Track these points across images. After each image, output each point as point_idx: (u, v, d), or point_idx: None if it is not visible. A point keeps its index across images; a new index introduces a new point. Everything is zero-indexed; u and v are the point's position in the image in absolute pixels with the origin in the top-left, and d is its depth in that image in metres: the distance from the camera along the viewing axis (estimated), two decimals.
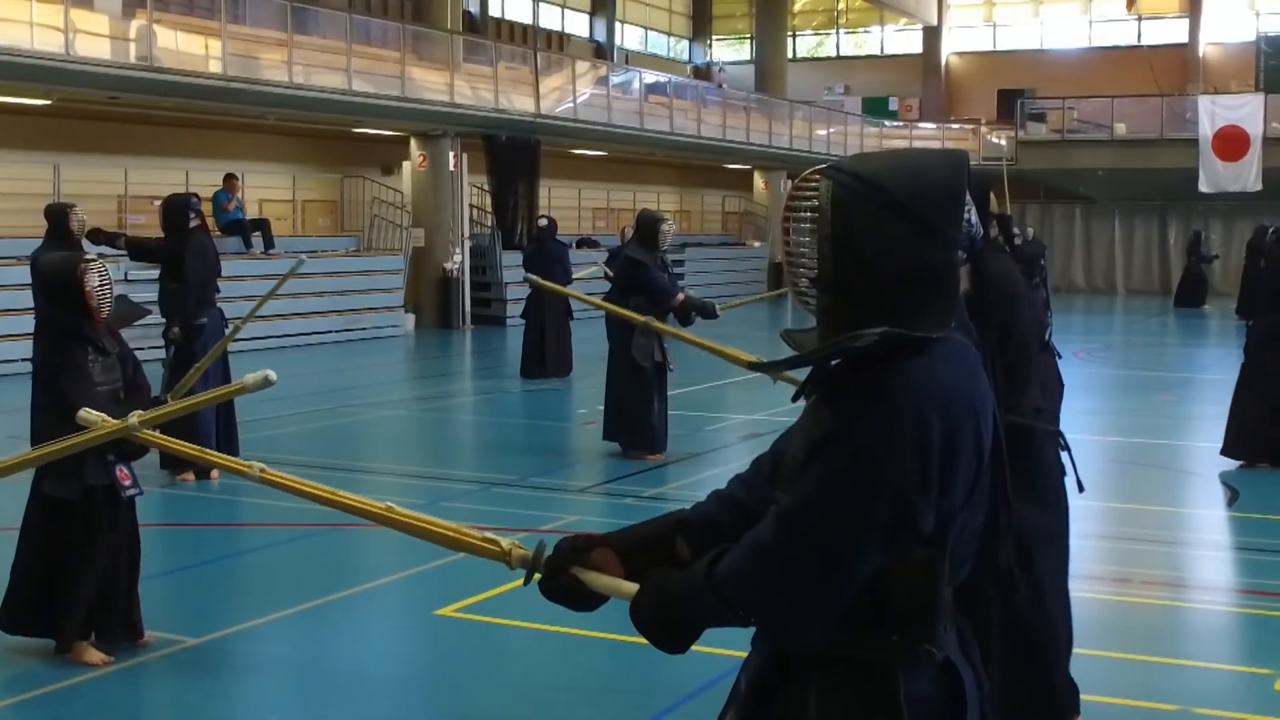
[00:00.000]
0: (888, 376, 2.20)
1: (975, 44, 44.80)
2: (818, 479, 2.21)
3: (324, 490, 3.07)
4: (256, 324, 20.62)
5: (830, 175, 2.28)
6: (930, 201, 2.25)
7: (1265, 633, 6.86)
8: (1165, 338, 26.57)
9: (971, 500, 2.28)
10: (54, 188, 19.16)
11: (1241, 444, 10.51)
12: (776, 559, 2.22)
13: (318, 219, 26.06)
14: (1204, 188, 34.29)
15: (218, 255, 10.69)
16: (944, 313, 2.24)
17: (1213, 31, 41.20)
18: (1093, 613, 7.12)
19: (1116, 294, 37.96)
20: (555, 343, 16.66)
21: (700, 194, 37.88)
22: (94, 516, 5.89)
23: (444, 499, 9.50)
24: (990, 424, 2.29)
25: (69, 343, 5.92)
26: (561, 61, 29.56)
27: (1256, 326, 10.76)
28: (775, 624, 2.31)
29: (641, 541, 2.55)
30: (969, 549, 2.34)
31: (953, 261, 2.27)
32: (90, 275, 5.96)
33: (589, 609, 2.57)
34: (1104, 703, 5.65)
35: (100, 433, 4.03)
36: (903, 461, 2.16)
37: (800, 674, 2.33)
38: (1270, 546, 8.68)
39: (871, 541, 2.18)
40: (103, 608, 5.99)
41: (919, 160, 2.33)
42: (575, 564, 2.52)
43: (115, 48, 18.57)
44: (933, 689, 2.28)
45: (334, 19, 22.72)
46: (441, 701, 5.74)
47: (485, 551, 2.72)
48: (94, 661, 5.89)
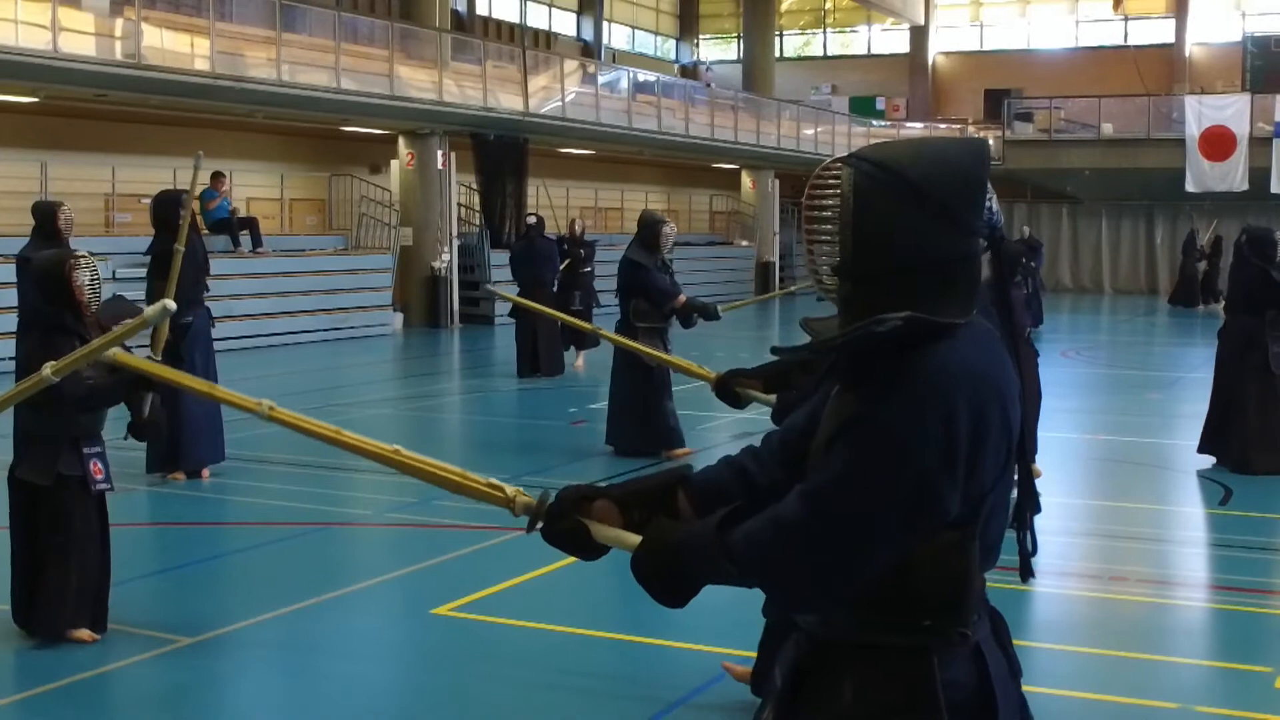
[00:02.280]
0: (913, 360, 2.21)
1: (962, 44, 44.89)
2: (843, 459, 2.22)
3: (331, 430, 3.11)
4: (244, 323, 20.67)
5: (852, 164, 2.29)
6: (952, 190, 2.26)
7: (1264, 630, 6.85)
8: (1153, 337, 26.64)
9: (1001, 483, 2.29)
10: (41, 185, 19.10)
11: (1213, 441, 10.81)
12: (799, 535, 2.23)
13: (305, 217, 25.99)
14: (1191, 187, 34.39)
15: (206, 254, 10.62)
16: (966, 299, 2.27)
17: (1199, 32, 41.34)
18: (1089, 611, 7.12)
19: (1103, 293, 38.05)
20: (546, 343, 16.62)
21: (688, 193, 37.86)
22: (64, 505, 6.06)
23: (435, 497, 9.44)
24: (1017, 408, 2.30)
25: (57, 337, 6.03)
26: (549, 60, 29.53)
27: (1229, 329, 10.79)
28: (786, 596, 2.32)
29: (643, 493, 2.56)
30: (999, 533, 2.36)
31: (974, 249, 2.30)
32: (79, 272, 6.13)
33: (590, 558, 2.59)
34: (1103, 701, 5.65)
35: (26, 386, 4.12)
36: (928, 443, 2.17)
37: (835, 662, 2.34)
38: (1266, 544, 8.68)
39: (894, 522, 2.19)
40: (80, 599, 6.13)
41: (940, 149, 2.34)
42: (577, 511, 2.54)
43: (102, 45, 18.51)
44: (967, 674, 2.30)
45: (322, 17, 22.65)
46: (438, 701, 5.70)
47: (489, 497, 2.74)
48: (84, 638, 6.06)
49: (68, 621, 6.07)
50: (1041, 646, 6.24)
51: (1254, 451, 10.41)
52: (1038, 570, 2.48)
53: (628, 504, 2.54)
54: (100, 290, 6.22)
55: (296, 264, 23.08)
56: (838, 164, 2.33)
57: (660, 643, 6.18)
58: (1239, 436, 10.49)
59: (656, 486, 2.57)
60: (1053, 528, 8.87)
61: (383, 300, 24.03)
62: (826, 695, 2.34)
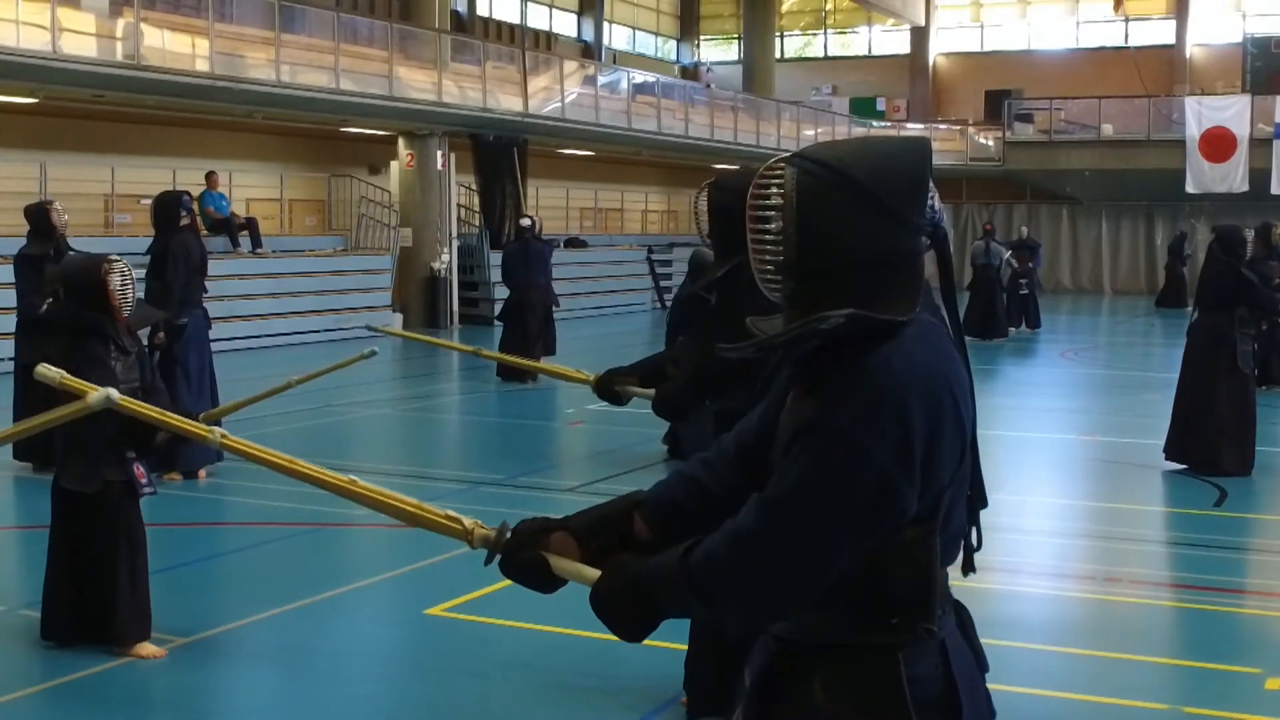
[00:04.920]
0: (865, 360, 2.22)
1: (962, 45, 44.87)
2: (799, 464, 2.22)
3: (285, 459, 3.00)
4: (243, 324, 20.70)
5: (795, 163, 2.31)
6: (895, 188, 2.27)
7: (1255, 632, 6.87)
8: (1151, 338, 26.62)
9: (958, 476, 2.30)
10: (40, 186, 19.11)
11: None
12: (757, 543, 2.22)
13: (305, 218, 26.02)
14: (1191, 189, 34.37)
15: (205, 255, 10.62)
16: (909, 296, 2.27)
17: (1199, 33, 41.31)
18: (1082, 612, 7.14)
19: (1103, 294, 38.04)
20: (540, 345, 16.57)
21: (688, 194, 37.72)
22: (112, 511, 5.98)
23: (430, 498, 9.41)
24: (969, 403, 2.31)
25: (91, 340, 6.06)
26: (549, 61, 29.55)
27: (1198, 327, 10.81)
28: (748, 609, 2.29)
29: (600, 522, 2.55)
30: (959, 527, 2.37)
31: (917, 247, 2.31)
32: (114, 276, 6.13)
33: (548, 591, 2.57)
34: (1095, 702, 5.66)
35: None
36: (883, 443, 2.17)
37: (804, 663, 2.35)
38: (1259, 545, 8.70)
39: (853, 524, 2.19)
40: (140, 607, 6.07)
41: (882, 147, 2.34)
42: (536, 545, 2.52)
43: (102, 46, 18.52)
44: (934, 669, 2.31)
45: (321, 18, 22.67)
46: (431, 701, 5.72)
47: (447, 529, 2.69)
48: (151, 654, 5.97)
49: (135, 634, 5.99)
50: (1031, 647, 6.25)
51: (1222, 450, 10.43)
52: (1030, 571, 2.50)
53: (585, 534, 2.52)
54: (132, 294, 6.22)
55: (296, 264, 23.10)
56: (781, 164, 2.34)
57: (649, 643, 6.17)
58: (1206, 435, 10.49)
59: (613, 513, 2.57)
60: (1046, 528, 8.90)
61: (382, 301, 24.05)
62: (795, 695, 2.35)
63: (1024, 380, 18.58)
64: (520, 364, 9.20)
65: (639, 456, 11.15)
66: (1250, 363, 10.71)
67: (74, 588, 6.03)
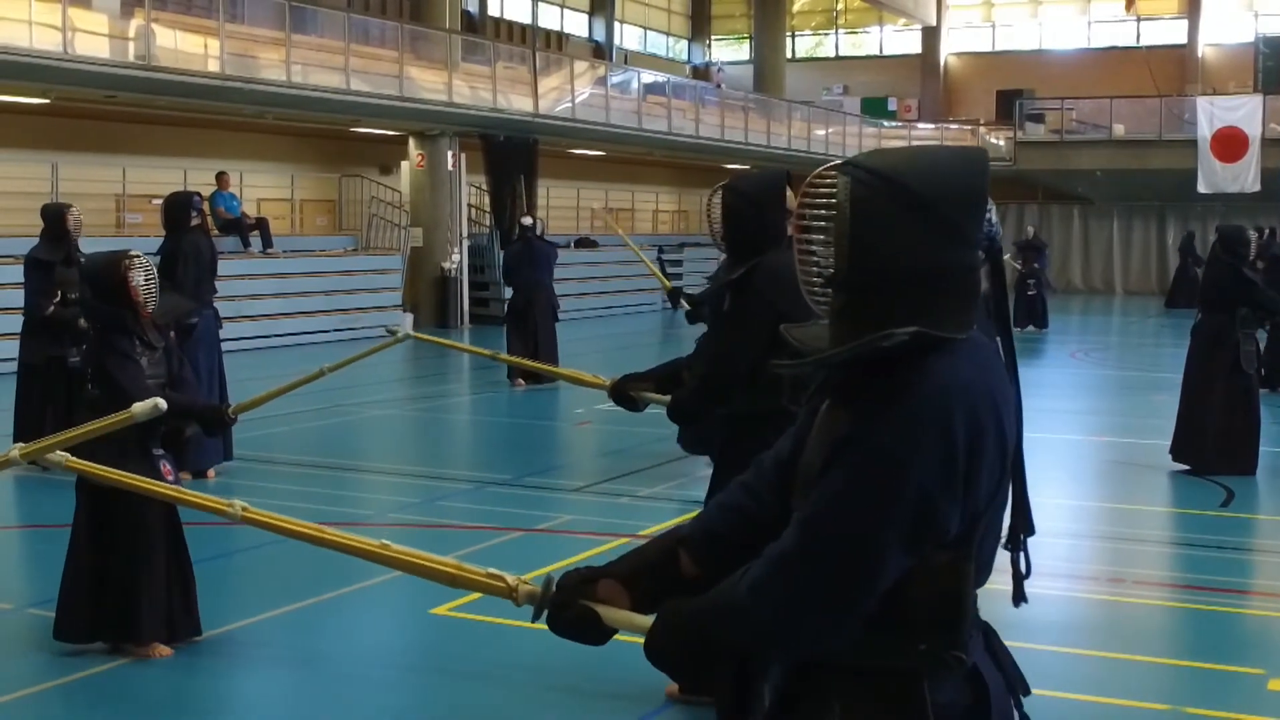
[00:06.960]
0: (909, 376, 2.14)
1: (974, 44, 44.83)
2: (840, 482, 2.15)
3: (312, 528, 2.95)
4: (254, 323, 20.75)
5: (848, 172, 2.20)
6: (953, 200, 2.18)
7: (1258, 633, 6.87)
8: (1162, 339, 26.55)
9: (996, 501, 2.23)
10: (52, 187, 19.16)
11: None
12: (800, 565, 2.15)
13: (316, 218, 26.08)
14: (1202, 189, 34.27)
15: (215, 255, 10.65)
16: (965, 312, 2.19)
17: (1211, 32, 41.22)
18: (1086, 612, 7.14)
19: (1115, 295, 37.96)
20: (546, 345, 16.49)
21: (698, 194, 37.79)
22: (139, 507, 5.94)
23: (439, 498, 9.51)
24: (1014, 423, 2.23)
25: (117, 335, 6.09)
26: (560, 61, 29.56)
27: (1201, 326, 10.80)
28: (796, 636, 2.19)
29: (645, 566, 2.46)
30: (991, 552, 2.30)
31: (973, 261, 2.21)
32: (135, 272, 6.16)
33: (600, 643, 2.46)
34: (1096, 702, 5.67)
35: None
36: (926, 462, 2.10)
37: (824, 684, 2.27)
38: (1262, 546, 8.70)
39: (895, 543, 2.12)
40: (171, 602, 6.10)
41: (938, 158, 2.25)
42: (582, 597, 2.43)
43: (113, 47, 18.58)
44: (960, 696, 2.24)
45: (332, 18, 22.72)
46: (435, 699, 5.75)
47: (489, 588, 2.64)
48: (158, 653, 6.00)
49: (155, 636, 6.00)
50: (1034, 647, 6.25)
51: (1227, 450, 10.42)
52: (1034, 571, 2.45)
53: (632, 579, 2.44)
54: (155, 290, 6.24)
55: (307, 264, 23.15)
56: (832, 171, 2.23)
57: None
58: (1211, 435, 10.48)
59: (656, 554, 2.48)
60: (1053, 529, 8.89)
61: (392, 301, 24.08)
62: (814, 718, 2.27)
63: (1033, 381, 18.52)
64: (537, 369, 9.23)
65: (647, 456, 11.17)
66: (1254, 363, 10.71)
67: (94, 586, 6.00)
